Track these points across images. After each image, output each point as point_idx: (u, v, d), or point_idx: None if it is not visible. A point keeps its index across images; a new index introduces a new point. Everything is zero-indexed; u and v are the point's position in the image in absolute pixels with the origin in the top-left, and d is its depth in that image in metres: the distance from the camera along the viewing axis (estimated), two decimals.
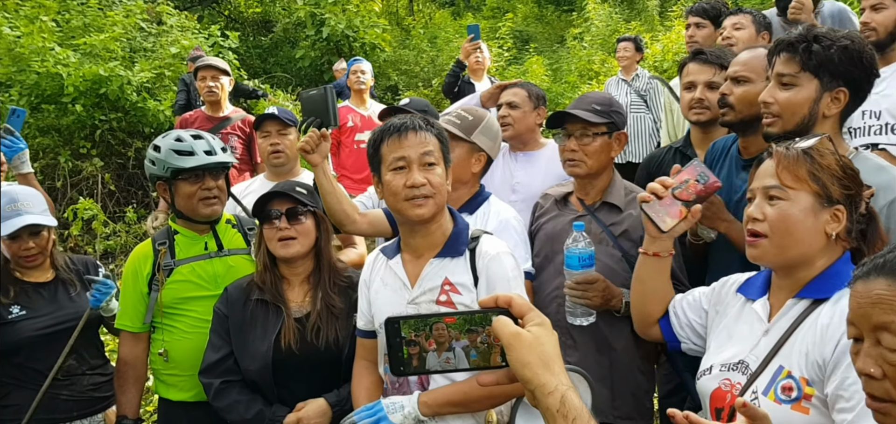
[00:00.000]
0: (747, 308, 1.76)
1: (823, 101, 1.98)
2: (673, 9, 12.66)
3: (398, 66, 12.77)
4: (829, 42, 1.96)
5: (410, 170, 1.97)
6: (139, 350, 2.66)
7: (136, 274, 2.62)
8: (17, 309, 2.70)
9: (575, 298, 2.27)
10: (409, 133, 2.00)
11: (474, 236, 2.07)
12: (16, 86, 7.82)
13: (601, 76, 10.40)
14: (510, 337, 1.01)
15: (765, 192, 1.65)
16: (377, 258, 2.19)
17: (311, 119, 2.84)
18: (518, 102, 3.27)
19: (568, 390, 0.98)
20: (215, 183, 2.58)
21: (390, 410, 1.95)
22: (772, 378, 1.58)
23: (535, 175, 3.12)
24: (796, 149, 1.64)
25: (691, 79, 2.79)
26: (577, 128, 2.47)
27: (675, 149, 2.95)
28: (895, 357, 1.15)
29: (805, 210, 1.61)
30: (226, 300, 2.45)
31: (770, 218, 1.63)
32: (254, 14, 14.13)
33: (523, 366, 1.00)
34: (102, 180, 8.00)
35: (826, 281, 1.61)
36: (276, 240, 2.38)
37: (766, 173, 1.67)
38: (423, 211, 1.98)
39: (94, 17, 8.86)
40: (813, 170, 1.61)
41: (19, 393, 2.70)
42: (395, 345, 1.06)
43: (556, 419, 0.97)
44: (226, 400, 2.35)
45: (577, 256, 2.23)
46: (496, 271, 1.98)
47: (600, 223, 2.49)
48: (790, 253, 1.63)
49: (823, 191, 1.61)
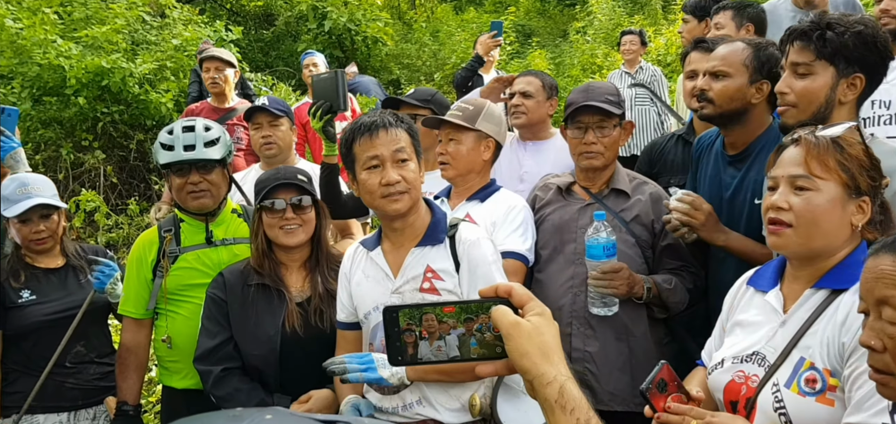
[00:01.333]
0: (758, 298, 1.74)
1: (840, 88, 1.97)
2: (676, 3, 12.62)
3: (400, 60, 12.74)
4: (843, 28, 1.94)
5: (384, 167, 2.02)
6: (141, 336, 2.67)
7: (140, 261, 2.63)
8: (28, 293, 2.72)
9: (600, 288, 2.27)
10: (379, 131, 2.03)
11: (452, 224, 2.12)
12: (18, 78, 7.81)
13: (604, 70, 10.36)
14: (509, 326, 1.00)
15: (791, 181, 1.61)
16: (357, 250, 2.22)
17: (322, 102, 2.86)
18: (532, 92, 3.26)
19: (567, 380, 0.97)
20: (203, 177, 2.57)
21: (380, 363, 1.98)
22: (794, 370, 1.55)
23: (544, 164, 3.11)
24: (826, 138, 1.60)
25: (693, 67, 2.80)
26: (595, 120, 2.47)
27: (677, 136, 2.95)
28: (895, 330, 1.18)
29: (833, 200, 1.58)
30: (223, 285, 2.43)
31: (797, 208, 1.59)
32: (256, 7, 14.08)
33: (522, 356, 0.98)
34: (104, 172, 7.99)
35: (845, 271, 1.58)
36: (279, 228, 2.38)
37: (791, 161, 1.62)
38: (398, 205, 2.03)
39: (97, 10, 8.83)
40: (842, 159, 1.58)
41: (26, 380, 2.71)
42: (393, 335, 1.05)
43: (554, 409, 0.96)
44: (225, 389, 2.32)
45: (600, 246, 2.24)
46: (476, 256, 2.03)
47: (610, 210, 2.50)
48: (815, 243, 1.60)
49: (852, 182, 1.58)
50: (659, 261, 2.48)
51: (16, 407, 2.70)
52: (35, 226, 2.73)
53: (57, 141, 7.88)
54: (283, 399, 2.30)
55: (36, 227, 2.73)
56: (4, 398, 2.72)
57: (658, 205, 2.47)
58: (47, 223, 2.76)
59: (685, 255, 2.47)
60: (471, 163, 2.59)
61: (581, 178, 2.59)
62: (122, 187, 8.14)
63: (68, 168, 7.78)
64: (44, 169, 7.37)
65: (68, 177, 7.78)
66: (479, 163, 2.61)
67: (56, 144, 7.87)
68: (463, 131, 2.58)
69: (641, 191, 2.52)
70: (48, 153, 7.82)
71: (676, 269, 2.46)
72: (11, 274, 2.75)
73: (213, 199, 2.63)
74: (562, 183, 2.64)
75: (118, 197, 8.03)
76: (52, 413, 2.73)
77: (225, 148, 2.62)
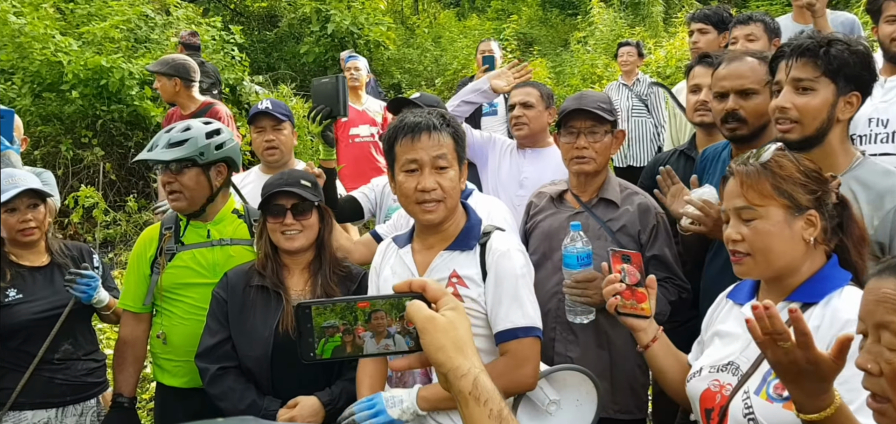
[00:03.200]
0: (736, 311, 1.77)
1: (839, 105, 1.97)
2: (677, 15, 12.67)
3: (402, 65, 12.77)
4: (844, 46, 1.96)
5: (422, 172, 1.96)
6: (139, 330, 2.69)
7: (140, 256, 2.66)
8: (14, 292, 2.70)
9: (575, 297, 2.29)
10: (422, 134, 1.97)
11: (486, 231, 2.07)
12: (18, 73, 7.82)
13: (604, 80, 10.39)
14: (424, 320, 1.01)
15: (737, 213, 1.67)
16: (389, 246, 2.20)
17: (322, 107, 2.85)
18: (533, 102, 3.31)
19: (480, 373, 0.99)
20: (174, 177, 2.54)
21: (389, 404, 1.95)
22: (763, 378, 1.59)
23: (544, 171, 3.13)
24: (755, 166, 1.65)
25: (697, 82, 2.80)
26: (587, 125, 2.49)
27: (679, 151, 2.96)
28: (893, 356, 1.18)
29: (778, 223, 1.63)
30: (225, 284, 2.46)
31: (748, 238, 1.65)
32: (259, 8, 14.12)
33: (437, 350, 1.00)
34: (103, 169, 8.00)
35: (814, 286, 1.63)
36: (280, 234, 2.39)
37: (733, 193, 1.68)
38: (432, 216, 1.99)
39: (99, 7, 8.85)
40: (775, 183, 1.63)
41: (13, 377, 2.70)
42: (306, 331, 1.03)
43: (468, 401, 0.98)
44: (220, 387, 2.35)
45: (575, 255, 2.25)
46: (505, 267, 1.98)
47: (598, 219, 2.51)
48: (775, 265, 1.65)
49: (791, 202, 1.62)
50: (645, 271, 2.50)
51: (2, 404, 2.69)
52: (22, 215, 2.69)
53: (56, 137, 7.89)
54: (273, 403, 2.31)
55: (23, 216, 2.69)
56: None
57: (646, 216, 2.49)
58: (35, 213, 2.72)
59: (672, 267, 2.49)
60: None
61: (573, 186, 2.62)
62: (120, 184, 8.15)
63: (68, 164, 7.79)
64: (43, 164, 7.37)
65: (67, 173, 7.79)
66: None
67: (55, 140, 7.88)
68: None
69: (630, 202, 2.53)
70: (47, 148, 7.82)
71: (662, 280, 2.48)
72: None
73: (186, 202, 2.58)
74: (554, 191, 2.66)
75: (116, 194, 8.04)
76: (40, 408, 2.73)
77: (191, 149, 2.53)
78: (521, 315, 1.96)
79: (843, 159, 2.01)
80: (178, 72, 4.87)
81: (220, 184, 2.65)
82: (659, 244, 2.48)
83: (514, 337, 1.96)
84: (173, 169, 2.55)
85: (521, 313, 1.96)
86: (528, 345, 1.97)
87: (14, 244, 2.76)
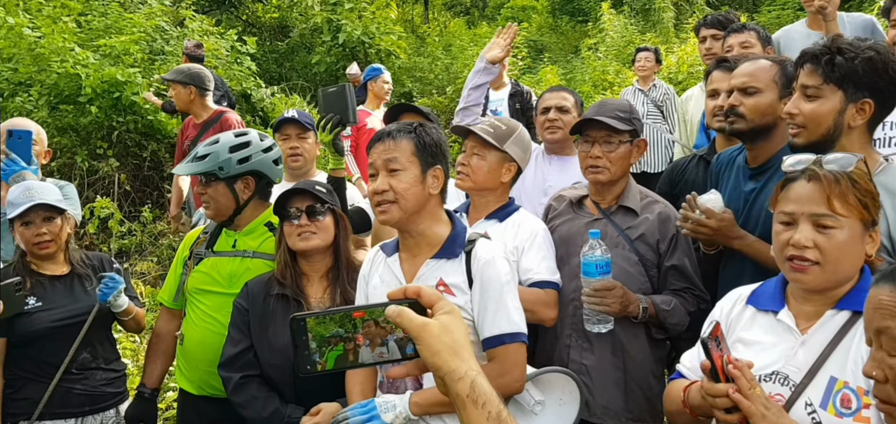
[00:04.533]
0: (763, 318, 1.73)
1: (848, 113, 1.98)
2: (688, 21, 12.64)
3: (413, 74, 12.82)
4: (853, 53, 1.95)
5: (377, 176, 2.04)
6: (172, 326, 2.80)
7: (179, 255, 2.78)
8: (33, 300, 2.72)
9: (593, 305, 2.28)
10: (379, 142, 2.07)
11: (471, 239, 2.10)
12: (36, 85, 7.91)
13: (615, 86, 10.38)
14: (418, 328, 1.01)
15: (813, 220, 1.59)
16: (377, 254, 2.23)
17: (331, 115, 2.85)
18: (569, 107, 3.28)
19: (477, 375, 0.99)
20: (205, 188, 2.62)
21: (383, 409, 1.98)
22: (827, 391, 1.55)
23: (570, 179, 3.08)
24: (844, 175, 1.59)
25: (715, 86, 2.79)
26: (602, 134, 2.48)
27: (699, 157, 2.95)
28: (894, 361, 1.20)
29: (856, 236, 1.58)
30: (246, 294, 2.48)
31: (823, 247, 1.57)
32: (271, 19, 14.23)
33: (433, 355, 1.00)
34: (118, 180, 8.07)
35: (862, 294, 1.56)
36: (296, 235, 2.42)
37: (810, 199, 1.60)
38: (385, 216, 2.04)
39: (116, 19, 8.94)
40: (859, 195, 1.58)
41: (32, 387, 2.72)
42: (301, 344, 1.03)
43: (466, 404, 0.98)
44: (243, 396, 2.37)
45: (594, 264, 2.24)
46: (490, 275, 2.01)
47: (616, 227, 2.50)
48: (839, 277, 1.61)
49: (869, 216, 1.60)
50: (664, 281, 2.47)
51: (22, 414, 2.71)
52: (37, 229, 2.72)
53: (72, 148, 7.97)
54: (296, 411, 2.32)
55: (38, 229, 2.72)
56: (11, 404, 2.72)
57: (666, 225, 2.46)
58: (50, 226, 2.75)
59: (691, 277, 2.45)
60: (489, 182, 2.56)
61: (592, 193, 2.60)
62: (135, 195, 8.21)
63: (83, 175, 7.86)
64: (59, 175, 7.45)
65: (83, 183, 7.86)
66: (497, 184, 2.57)
67: (71, 151, 7.96)
68: (489, 148, 2.55)
69: (650, 210, 2.51)
70: (63, 159, 7.90)
71: (680, 291, 2.45)
72: (16, 284, 2.70)
73: (213, 211, 2.66)
74: (573, 196, 2.65)
75: (131, 204, 8.10)
76: (58, 419, 2.74)
77: (212, 163, 2.59)
78: (507, 321, 1.99)
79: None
80: (193, 80, 4.96)
81: (247, 196, 2.66)
82: (678, 254, 2.45)
83: (501, 343, 1.99)
84: (202, 180, 2.64)
85: (506, 320, 1.99)
86: (514, 351, 2.00)
87: (33, 255, 2.79)
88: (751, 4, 13.40)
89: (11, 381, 2.73)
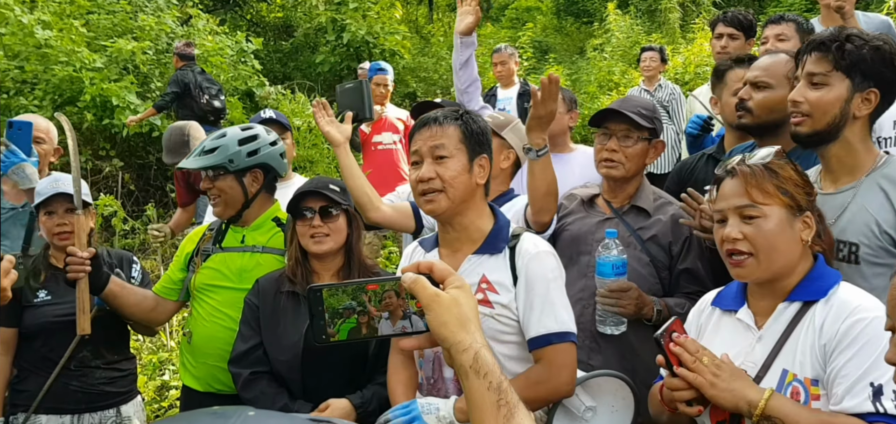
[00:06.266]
0: (726, 318, 1.78)
1: (854, 102, 1.96)
2: (695, 21, 12.60)
3: (417, 74, 12.81)
4: (862, 42, 1.94)
5: (422, 163, 1.95)
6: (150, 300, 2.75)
7: (181, 251, 2.75)
8: (44, 293, 2.73)
9: (608, 306, 2.23)
10: (424, 127, 1.97)
11: (515, 233, 2.01)
12: (41, 84, 7.90)
13: (621, 87, 10.35)
14: (429, 298, 1.05)
15: (738, 212, 1.67)
16: (415, 249, 2.16)
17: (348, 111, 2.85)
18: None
19: (481, 347, 1.03)
20: (213, 183, 2.59)
21: (425, 410, 1.90)
22: (779, 383, 1.60)
23: (567, 177, 3.07)
24: (759, 166, 1.68)
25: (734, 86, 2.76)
26: (621, 129, 2.45)
27: (708, 155, 2.91)
28: None
29: (781, 222, 1.65)
30: (257, 291, 2.48)
31: (752, 237, 1.65)
32: (275, 19, 14.23)
33: (441, 326, 1.04)
34: (122, 180, 8.06)
35: (812, 285, 1.66)
36: (309, 237, 2.40)
37: (733, 193, 1.69)
38: (432, 206, 1.94)
39: (123, 18, 8.93)
40: (778, 183, 1.66)
41: (34, 380, 2.71)
42: (318, 314, 1.07)
43: (469, 374, 1.02)
44: (253, 392, 2.36)
45: (610, 264, 2.20)
46: (536, 270, 1.92)
47: (628, 227, 2.46)
48: (776, 266, 1.66)
49: (793, 202, 1.65)
50: (675, 284, 2.44)
51: (23, 406, 2.71)
52: (59, 219, 2.71)
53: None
54: (305, 407, 2.31)
55: (60, 219, 2.71)
56: (15, 395, 2.74)
57: (679, 228, 2.42)
58: (72, 217, 2.72)
59: (703, 280, 2.40)
60: None
61: (605, 191, 2.57)
62: (138, 194, 8.21)
63: (87, 175, 7.86)
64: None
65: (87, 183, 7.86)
66: (497, 170, 2.56)
67: None
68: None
69: (663, 211, 2.47)
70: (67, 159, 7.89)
71: (693, 294, 2.41)
72: (32, 273, 2.76)
73: (222, 207, 2.63)
74: (585, 194, 2.62)
75: (134, 203, 8.10)
76: (53, 414, 2.73)
77: (221, 156, 2.57)
78: (555, 320, 1.90)
79: (866, 157, 2.00)
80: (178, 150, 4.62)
81: (255, 190, 2.65)
82: (691, 257, 2.41)
83: (548, 343, 1.90)
84: (209, 175, 2.60)
85: (554, 318, 1.90)
86: (563, 351, 1.90)
87: (54, 247, 2.78)
88: (756, 5, 13.34)
89: (19, 372, 2.75)
